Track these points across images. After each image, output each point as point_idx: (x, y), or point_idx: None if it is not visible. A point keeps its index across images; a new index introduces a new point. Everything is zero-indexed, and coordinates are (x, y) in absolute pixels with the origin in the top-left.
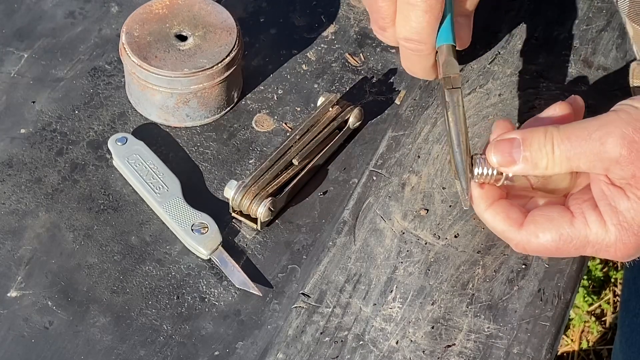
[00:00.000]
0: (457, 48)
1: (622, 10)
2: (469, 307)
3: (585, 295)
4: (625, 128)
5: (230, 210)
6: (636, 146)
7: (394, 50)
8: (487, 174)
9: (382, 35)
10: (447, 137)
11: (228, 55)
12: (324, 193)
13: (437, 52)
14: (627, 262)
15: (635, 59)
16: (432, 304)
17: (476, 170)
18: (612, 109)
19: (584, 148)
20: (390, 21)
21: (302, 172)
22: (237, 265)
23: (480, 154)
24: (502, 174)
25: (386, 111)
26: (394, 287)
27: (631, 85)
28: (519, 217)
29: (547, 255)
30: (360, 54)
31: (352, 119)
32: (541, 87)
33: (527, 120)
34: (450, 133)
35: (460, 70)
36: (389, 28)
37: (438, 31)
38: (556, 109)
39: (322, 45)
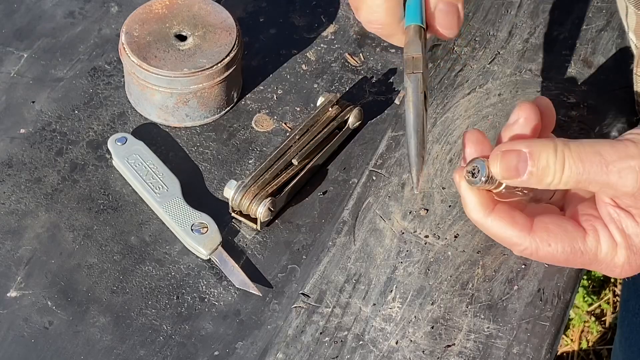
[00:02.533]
0: (446, 36)
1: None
2: (469, 307)
3: (585, 295)
4: None
5: (230, 210)
6: None
7: (394, 50)
8: (486, 180)
9: (358, 16)
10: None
11: (228, 55)
12: (324, 193)
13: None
14: None
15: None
16: (432, 304)
17: (475, 176)
18: (628, 137)
19: (600, 177)
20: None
21: (302, 172)
22: (236, 265)
23: (479, 159)
24: (502, 183)
25: (386, 111)
26: (394, 287)
27: (634, 73)
28: (526, 221)
29: (552, 264)
30: (360, 54)
31: (352, 119)
32: (541, 87)
33: (502, 130)
34: (405, 118)
35: (429, 53)
36: (360, 9)
37: (406, 9)
38: (520, 113)
39: (321, 45)
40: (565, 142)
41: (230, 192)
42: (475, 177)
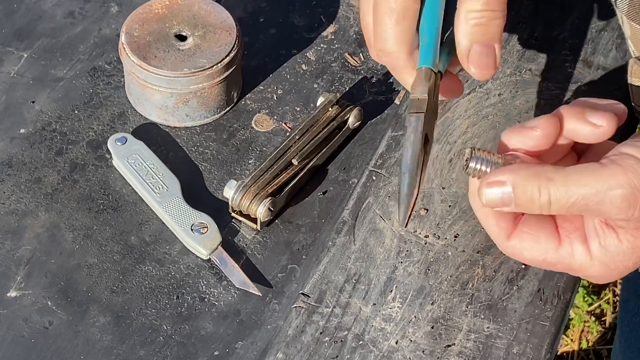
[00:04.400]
0: (481, 78)
1: (621, 9)
2: (469, 307)
3: (585, 295)
4: (637, 191)
5: (230, 210)
6: None
7: None
8: (482, 170)
9: (369, 48)
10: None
11: (228, 55)
12: (324, 193)
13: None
14: None
15: (632, 57)
16: (432, 304)
17: (472, 165)
18: (613, 159)
19: (589, 207)
20: (371, 33)
21: (302, 172)
22: (236, 265)
23: (478, 149)
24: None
25: (386, 111)
26: (394, 287)
27: (629, 83)
28: (508, 227)
29: (534, 266)
30: (360, 54)
31: (352, 119)
32: (541, 87)
33: (512, 129)
34: (402, 157)
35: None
36: (370, 39)
37: (420, 50)
38: (541, 126)
39: (321, 45)
40: (549, 177)
41: (230, 192)
42: (467, 166)
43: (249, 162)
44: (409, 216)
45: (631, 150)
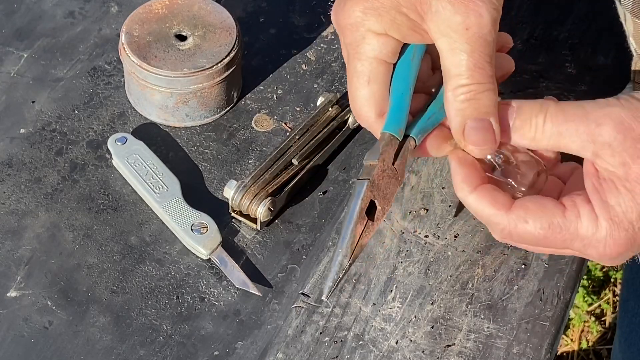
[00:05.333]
0: (479, 155)
1: (625, 6)
2: (469, 306)
3: (585, 295)
4: (625, 114)
5: (230, 210)
6: (632, 134)
7: None
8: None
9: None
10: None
11: (228, 55)
12: (324, 193)
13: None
14: (626, 262)
15: (636, 54)
16: (432, 304)
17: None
18: (614, 97)
19: (579, 125)
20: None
21: (302, 172)
22: (236, 265)
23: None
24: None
25: None
26: (394, 287)
27: (632, 80)
28: (507, 200)
29: (531, 245)
30: None
31: (352, 119)
32: (541, 87)
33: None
34: (343, 222)
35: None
36: (350, 101)
37: (387, 117)
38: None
39: (321, 45)
40: (553, 101)
41: (230, 192)
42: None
43: (249, 162)
44: (334, 288)
45: (631, 92)
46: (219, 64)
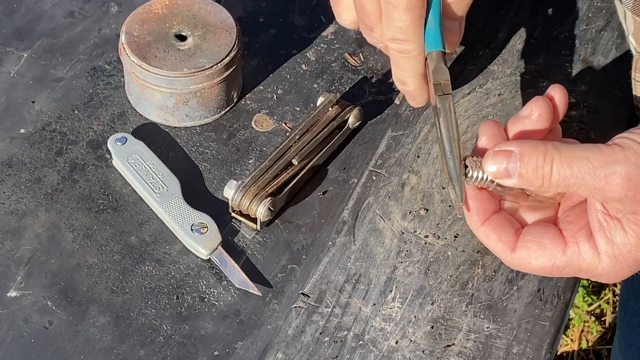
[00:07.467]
0: (446, 52)
1: (626, 4)
2: (469, 306)
3: (585, 295)
4: (632, 169)
5: (230, 210)
6: None
7: None
8: (480, 177)
9: (370, 36)
10: (439, 144)
11: (227, 55)
12: (324, 193)
13: (426, 59)
14: None
15: (637, 52)
16: (432, 304)
17: (469, 174)
18: (616, 142)
19: (587, 181)
20: (376, 20)
21: (302, 172)
22: (236, 265)
23: (474, 157)
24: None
25: (386, 111)
26: (394, 287)
27: (633, 78)
28: (511, 240)
29: (543, 275)
30: (360, 54)
31: (352, 119)
32: (541, 87)
33: (510, 121)
34: (443, 140)
35: (450, 76)
36: (375, 28)
37: (426, 36)
38: (535, 107)
39: (321, 45)
40: (557, 146)
41: (230, 192)
42: (468, 175)
43: (249, 162)
44: (464, 196)
45: (634, 136)
46: (219, 64)
